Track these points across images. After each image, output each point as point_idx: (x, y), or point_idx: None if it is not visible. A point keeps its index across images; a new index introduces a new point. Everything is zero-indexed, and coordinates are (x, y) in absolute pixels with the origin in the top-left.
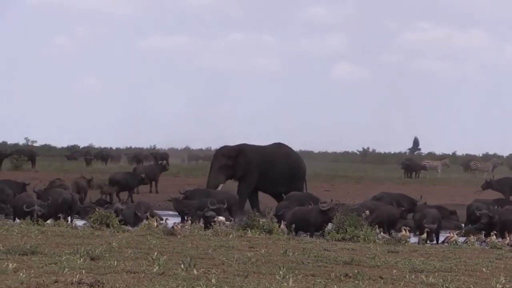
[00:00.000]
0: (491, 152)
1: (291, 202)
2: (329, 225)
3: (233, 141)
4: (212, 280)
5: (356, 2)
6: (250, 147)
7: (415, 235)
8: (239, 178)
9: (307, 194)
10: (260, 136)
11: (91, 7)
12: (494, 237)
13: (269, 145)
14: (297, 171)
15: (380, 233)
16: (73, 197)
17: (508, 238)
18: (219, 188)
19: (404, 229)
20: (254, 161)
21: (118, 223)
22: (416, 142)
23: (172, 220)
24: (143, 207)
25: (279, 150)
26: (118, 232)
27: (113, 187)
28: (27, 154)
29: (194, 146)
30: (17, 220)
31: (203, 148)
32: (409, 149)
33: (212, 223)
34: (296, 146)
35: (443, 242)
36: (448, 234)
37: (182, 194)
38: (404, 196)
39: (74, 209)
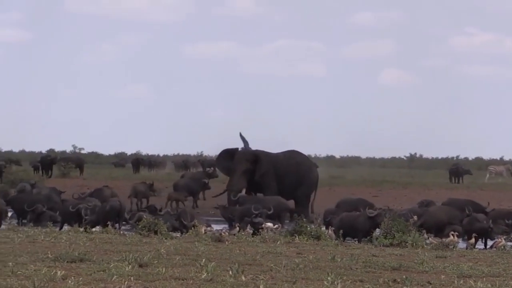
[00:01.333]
0: None
1: (344, 208)
2: (377, 231)
3: (280, 148)
4: (260, 286)
5: (403, 7)
6: (269, 153)
7: (463, 240)
8: (258, 184)
9: (361, 199)
10: (305, 142)
11: (137, 14)
12: None
13: (282, 152)
14: (305, 180)
15: (428, 238)
16: (121, 204)
17: None
18: (243, 193)
19: (452, 234)
20: (272, 167)
21: (166, 230)
22: None
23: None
24: (189, 215)
25: (291, 158)
26: (166, 239)
27: (181, 193)
28: (75, 161)
29: None
30: (65, 228)
31: None
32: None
33: (260, 230)
34: (343, 152)
35: (491, 247)
36: (496, 239)
37: (233, 199)
38: (472, 203)
39: (122, 216)
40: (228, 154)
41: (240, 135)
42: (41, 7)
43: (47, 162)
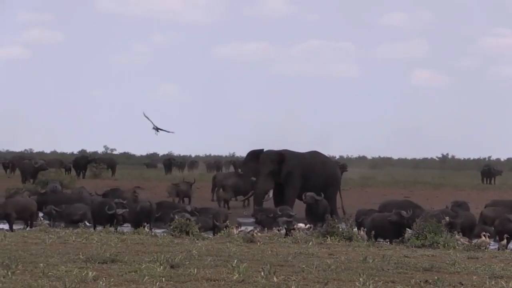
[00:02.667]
0: None
1: (389, 210)
2: (409, 232)
3: (312, 148)
4: (292, 287)
5: (435, 7)
6: (295, 153)
7: (494, 241)
8: (283, 185)
9: (407, 201)
10: (336, 143)
11: (169, 15)
12: None
13: (307, 153)
14: (332, 179)
15: (460, 239)
16: (151, 205)
17: None
18: (270, 195)
19: (484, 235)
20: (297, 167)
21: (198, 230)
22: None
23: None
24: (221, 216)
25: (317, 159)
26: (197, 239)
27: (228, 192)
28: (107, 162)
29: None
30: (97, 229)
31: None
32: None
33: (292, 230)
34: (375, 153)
35: None
36: None
37: (260, 201)
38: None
39: (153, 217)
40: (254, 156)
41: (144, 115)
42: (72, 8)
43: (82, 163)
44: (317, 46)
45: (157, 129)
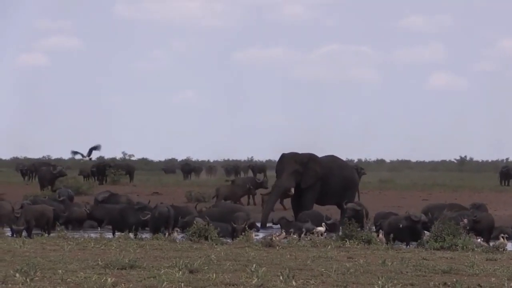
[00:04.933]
0: None
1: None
2: (427, 234)
3: (330, 152)
4: None
5: (453, 10)
6: (318, 158)
7: None
8: (303, 188)
9: (453, 204)
10: (355, 146)
11: (187, 21)
12: None
13: (324, 157)
14: (350, 183)
15: (479, 241)
16: (169, 210)
17: None
18: (292, 192)
19: (502, 237)
20: (320, 171)
21: (217, 235)
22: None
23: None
24: (240, 219)
25: (334, 163)
26: (216, 244)
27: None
28: (125, 168)
29: None
30: (117, 234)
31: None
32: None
33: (311, 234)
34: (393, 156)
35: None
36: None
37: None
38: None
39: (171, 222)
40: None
41: (72, 152)
42: (91, 14)
43: (101, 169)
44: (336, 51)
45: (88, 155)
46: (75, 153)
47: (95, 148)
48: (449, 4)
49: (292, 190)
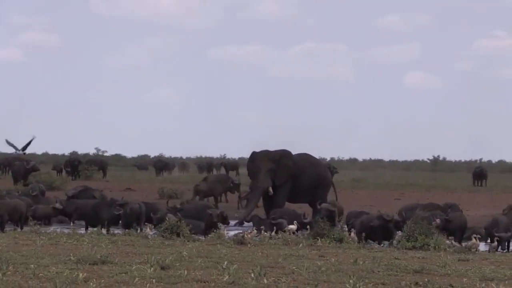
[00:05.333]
0: None
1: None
2: (399, 234)
3: (304, 150)
4: None
5: (429, 9)
6: (291, 154)
7: (485, 243)
8: (276, 185)
9: (433, 204)
10: (328, 145)
11: (164, 18)
12: None
13: (296, 155)
14: (322, 182)
15: (451, 241)
16: (141, 206)
17: None
18: (271, 191)
19: (475, 237)
20: (293, 168)
21: (189, 232)
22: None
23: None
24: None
25: (306, 161)
26: (188, 241)
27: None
28: (98, 164)
29: None
30: (89, 230)
31: None
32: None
33: (283, 232)
34: (366, 155)
35: None
36: None
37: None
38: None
39: (142, 219)
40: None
41: (7, 142)
42: (67, 10)
43: (74, 164)
44: (312, 49)
45: (23, 149)
46: (9, 144)
47: (30, 142)
48: (426, 3)
49: (271, 189)
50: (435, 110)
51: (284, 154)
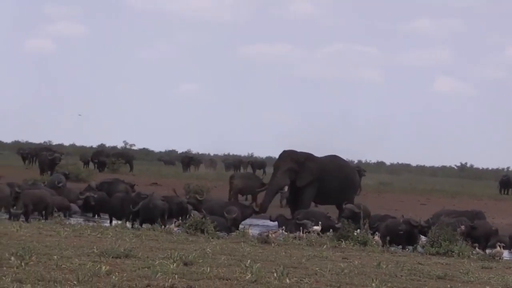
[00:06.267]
0: None
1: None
2: (423, 239)
3: (331, 152)
4: None
5: (461, 15)
6: (315, 157)
7: (510, 251)
8: (299, 187)
9: (473, 211)
10: (356, 148)
11: (194, 13)
12: None
13: (325, 157)
14: (349, 184)
15: (475, 248)
16: (164, 202)
17: None
18: (285, 190)
19: (499, 245)
20: (317, 172)
21: (213, 229)
22: None
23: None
24: (232, 212)
25: (335, 163)
26: (212, 238)
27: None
28: (125, 157)
29: None
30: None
31: None
32: None
33: (307, 233)
34: (393, 159)
35: None
36: None
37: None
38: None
39: (166, 214)
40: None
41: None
42: (99, 2)
43: (101, 157)
44: (342, 50)
45: None
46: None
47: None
48: (457, 9)
49: (286, 188)
50: (464, 116)
51: (308, 157)
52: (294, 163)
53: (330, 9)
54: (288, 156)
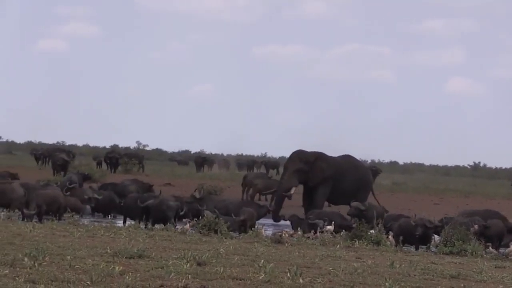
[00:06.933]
0: None
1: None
2: (437, 239)
3: (344, 152)
4: None
5: (474, 15)
6: (327, 156)
7: None
8: (313, 187)
9: (492, 211)
10: (368, 147)
11: (208, 14)
12: None
13: (339, 157)
14: (363, 184)
15: (489, 247)
16: (177, 204)
17: None
18: (292, 192)
19: None
20: (328, 171)
21: (227, 229)
22: None
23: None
24: (246, 213)
25: (348, 163)
26: (225, 238)
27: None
28: (136, 157)
29: None
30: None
31: None
32: None
33: (320, 233)
34: (406, 159)
35: None
36: None
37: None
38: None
39: (177, 215)
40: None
41: None
42: (112, 3)
43: (113, 158)
44: (355, 50)
45: None
46: None
47: None
48: (471, 9)
49: (293, 190)
50: (477, 116)
51: (318, 156)
52: (303, 164)
53: (343, 10)
54: (296, 156)
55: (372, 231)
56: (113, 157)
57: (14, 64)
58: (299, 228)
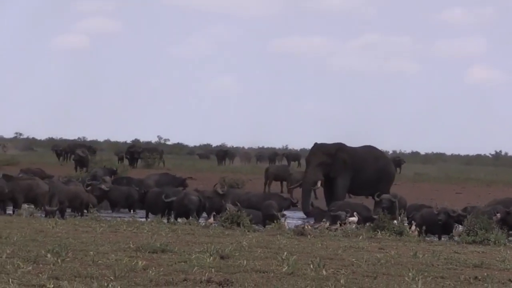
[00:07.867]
0: None
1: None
2: (460, 228)
3: (366, 143)
4: (341, 281)
5: (495, 3)
6: (348, 147)
7: None
8: (333, 178)
9: None
10: (390, 138)
11: (227, 8)
12: None
13: (360, 147)
14: (385, 175)
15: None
16: (200, 198)
17: None
18: (318, 185)
19: None
20: (350, 161)
21: (249, 222)
22: None
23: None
24: (274, 207)
25: (370, 153)
26: (248, 231)
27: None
28: (155, 152)
29: None
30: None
31: None
32: None
33: (343, 224)
34: (428, 149)
35: None
36: None
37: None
38: None
39: (202, 210)
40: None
41: None
42: None
43: (134, 152)
44: (375, 41)
45: None
46: None
47: None
48: None
49: (319, 183)
50: (499, 104)
51: (339, 148)
52: (325, 156)
53: (363, 0)
54: (318, 149)
55: (395, 221)
56: (134, 152)
57: (35, 61)
58: (324, 220)
